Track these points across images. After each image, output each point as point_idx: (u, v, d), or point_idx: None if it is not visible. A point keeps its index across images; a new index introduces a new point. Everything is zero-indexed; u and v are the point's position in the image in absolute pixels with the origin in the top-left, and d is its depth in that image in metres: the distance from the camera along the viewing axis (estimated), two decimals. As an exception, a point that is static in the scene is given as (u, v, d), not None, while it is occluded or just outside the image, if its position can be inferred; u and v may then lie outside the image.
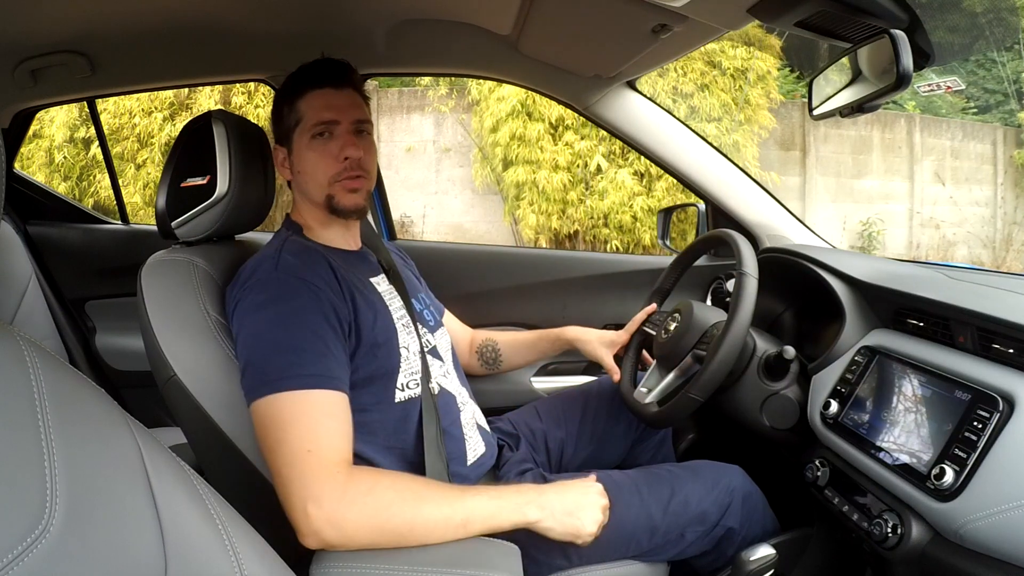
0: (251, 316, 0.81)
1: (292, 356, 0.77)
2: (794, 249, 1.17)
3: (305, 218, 0.98)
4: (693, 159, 1.39)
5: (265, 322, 0.80)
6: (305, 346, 0.78)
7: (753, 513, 0.97)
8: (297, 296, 0.82)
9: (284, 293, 0.82)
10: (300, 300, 0.82)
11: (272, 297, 0.82)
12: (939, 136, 6.55)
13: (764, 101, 5.40)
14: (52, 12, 1.09)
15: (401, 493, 0.74)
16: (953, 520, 0.67)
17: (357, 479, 0.73)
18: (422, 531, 0.72)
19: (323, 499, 0.70)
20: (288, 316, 0.80)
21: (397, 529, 0.72)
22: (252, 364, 0.78)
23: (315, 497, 0.71)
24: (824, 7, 0.75)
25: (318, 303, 0.82)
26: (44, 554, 0.34)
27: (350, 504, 0.71)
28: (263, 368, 0.77)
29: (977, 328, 0.76)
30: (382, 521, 0.71)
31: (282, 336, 0.79)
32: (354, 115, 0.93)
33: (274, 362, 0.77)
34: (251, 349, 0.79)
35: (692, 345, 1.00)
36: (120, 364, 1.70)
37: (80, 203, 2.13)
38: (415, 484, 0.76)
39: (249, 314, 0.81)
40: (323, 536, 0.70)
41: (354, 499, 0.71)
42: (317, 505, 0.70)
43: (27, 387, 0.38)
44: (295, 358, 0.77)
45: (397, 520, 0.72)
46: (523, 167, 5.06)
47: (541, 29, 1.12)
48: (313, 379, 0.77)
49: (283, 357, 0.77)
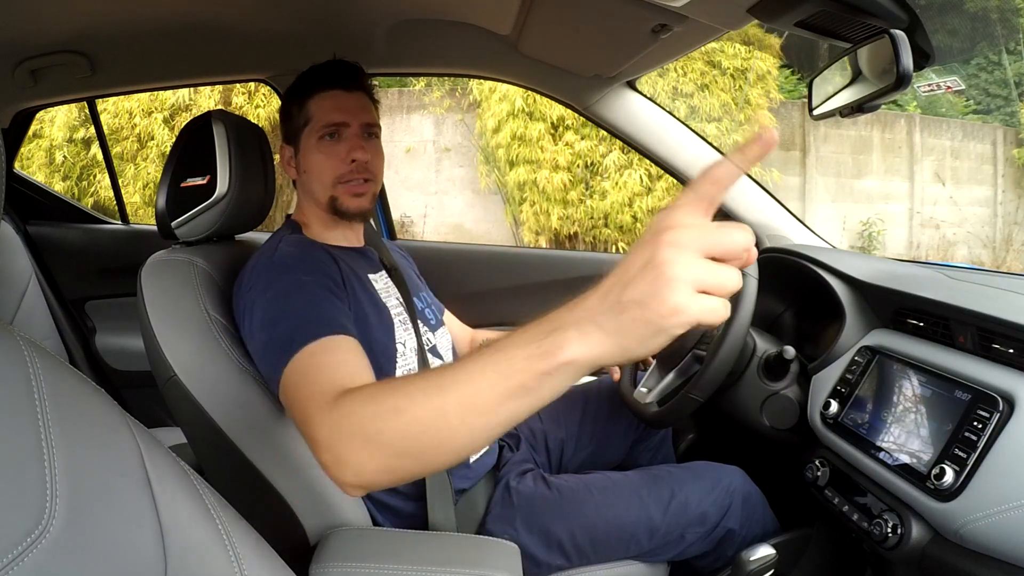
0: (256, 305, 0.80)
1: (295, 320, 0.75)
2: (794, 249, 1.17)
3: (308, 218, 0.98)
4: (693, 159, 1.39)
5: (266, 305, 0.79)
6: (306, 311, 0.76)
7: (753, 514, 0.97)
8: (292, 272, 0.82)
9: (279, 275, 0.81)
10: (295, 275, 0.81)
11: (268, 282, 0.81)
12: (939, 136, 6.55)
13: (764, 101, 5.41)
14: (52, 12, 1.09)
15: (376, 398, 0.58)
16: (953, 520, 0.66)
17: (339, 404, 0.61)
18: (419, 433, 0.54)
19: (320, 440, 0.60)
20: (285, 292, 0.79)
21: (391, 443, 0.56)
22: (269, 344, 0.75)
23: (316, 442, 0.61)
24: (824, 7, 0.75)
25: (318, 277, 0.82)
26: (44, 554, 0.34)
27: (339, 436, 0.59)
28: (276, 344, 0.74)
29: (977, 328, 0.76)
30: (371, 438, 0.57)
31: (282, 309, 0.77)
32: (364, 118, 0.94)
33: (281, 332, 0.74)
34: (261, 332, 0.77)
35: (692, 345, 1.00)
36: (120, 364, 1.70)
37: (80, 203, 2.13)
38: (395, 382, 0.60)
39: (254, 305, 0.80)
40: (344, 480, 0.58)
41: (340, 428, 0.59)
42: (320, 449, 0.60)
43: (27, 387, 0.38)
44: (298, 320, 0.74)
45: (385, 430, 0.56)
46: (524, 167, 5.06)
47: (541, 29, 1.12)
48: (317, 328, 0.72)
49: (289, 323, 0.75)
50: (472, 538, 0.79)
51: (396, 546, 0.75)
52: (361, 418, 0.58)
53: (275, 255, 0.86)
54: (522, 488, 0.96)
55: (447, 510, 0.89)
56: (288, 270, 0.82)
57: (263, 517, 0.59)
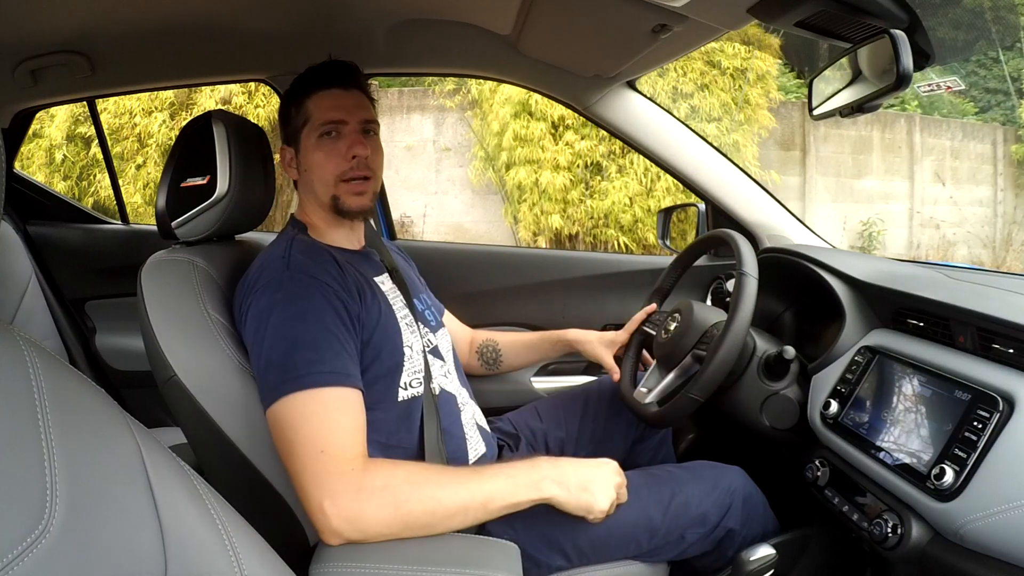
0: (266, 318, 0.81)
1: (309, 354, 0.77)
2: (794, 249, 1.17)
3: (311, 218, 0.98)
4: (693, 159, 1.39)
5: (280, 322, 0.80)
6: (320, 344, 0.78)
7: (753, 514, 0.97)
8: (310, 295, 0.82)
9: (297, 292, 0.82)
10: (313, 299, 0.82)
11: (286, 296, 0.82)
12: (939, 136, 6.55)
13: (764, 101, 5.41)
14: (52, 12, 1.09)
15: (417, 483, 0.73)
16: (953, 520, 0.66)
17: (372, 473, 0.73)
18: (443, 517, 0.73)
19: (338, 496, 0.70)
20: (302, 315, 0.80)
21: (418, 520, 0.72)
22: (273, 364, 0.78)
23: (331, 495, 0.70)
24: (824, 7, 0.75)
25: (330, 301, 0.82)
26: (44, 554, 0.34)
27: (367, 499, 0.71)
28: (283, 367, 0.77)
29: (977, 328, 0.76)
30: (402, 513, 0.71)
31: (298, 334, 0.78)
32: (361, 115, 0.94)
33: (292, 361, 0.77)
34: (270, 350, 0.79)
35: (692, 345, 1.00)
36: (120, 364, 1.70)
37: (80, 203, 2.13)
38: (430, 472, 0.77)
39: (264, 316, 0.81)
40: (343, 533, 0.70)
41: (371, 494, 0.71)
42: (333, 503, 0.70)
43: (27, 387, 0.38)
44: (312, 355, 0.77)
45: (417, 510, 0.72)
46: (524, 167, 5.06)
47: (541, 29, 1.12)
48: (329, 376, 0.77)
49: (300, 355, 0.77)
50: (472, 538, 0.79)
51: (396, 546, 0.75)
52: (397, 494, 0.72)
53: (290, 262, 0.86)
54: (522, 488, 0.97)
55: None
56: (307, 287, 0.82)
57: (263, 517, 0.59)
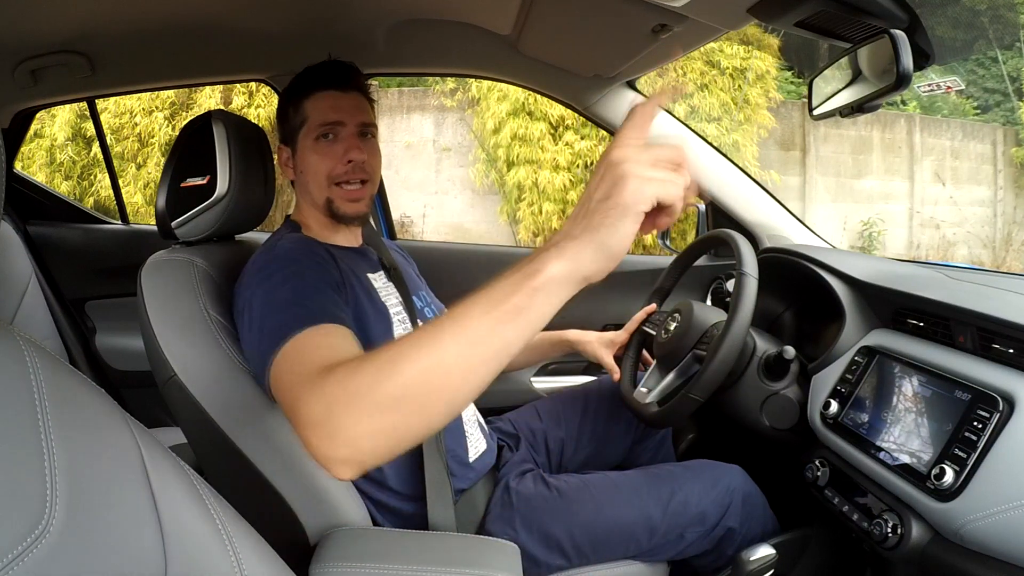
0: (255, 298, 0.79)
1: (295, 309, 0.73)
2: (794, 249, 1.17)
3: (306, 218, 0.98)
4: (692, 159, 1.39)
5: (264, 293, 0.77)
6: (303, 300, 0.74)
7: (753, 513, 0.97)
8: (294, 264, 0.81)
9: (282, 265, 0.81)
10: (297, 266, 0.81)
11: (270, 272, 0.80)
12: (939, 136, 6.55)
13: (763, 101, 5.41)
14: (52, 12, 1.09)
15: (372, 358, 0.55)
16: (953, 520, 0.67)
17: (330, 373, 0.58)
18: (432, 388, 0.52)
19: (311, 417, 0.55)
20: (286, 278, 0.78)
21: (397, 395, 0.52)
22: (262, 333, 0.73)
23: (303, 420, 0.56)
24: (824, 7, 0.75)
25: (318, 272, 0.81)
26: (44, 554, 0.34)
27: (331, 404, 0.55)
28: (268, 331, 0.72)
29: (977, 328, 0.76)
30: (376, 401, 0.53)
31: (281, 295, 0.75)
32: (359, 118, 0.94)
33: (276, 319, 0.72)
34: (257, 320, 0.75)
35: (692, 345, 1.00)
36: (120, 364, 1.70)
37: (80, 203, 2.13)
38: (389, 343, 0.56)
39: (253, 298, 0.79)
40: (336, 455, 0.54)
41: (333, 396, 0.55)
42: (308, 426, 0.55)
43: (27, 387, 0.38)
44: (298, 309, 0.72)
45: (389, 385, 0.52)
46: (524, 167, 5.06)
47: (541, 29, 1.12)
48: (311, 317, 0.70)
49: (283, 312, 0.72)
50: (472, 538, 0.79)
51: (396, 546, 0.75)
52: (357, 381, 0.54)
53: (275, 250, 0.86)
54: (522, 488, 0.96)
55: (447, 510, 0.89)
56: (287, 263, 0.82)
57: (263, 517, 0.59)
